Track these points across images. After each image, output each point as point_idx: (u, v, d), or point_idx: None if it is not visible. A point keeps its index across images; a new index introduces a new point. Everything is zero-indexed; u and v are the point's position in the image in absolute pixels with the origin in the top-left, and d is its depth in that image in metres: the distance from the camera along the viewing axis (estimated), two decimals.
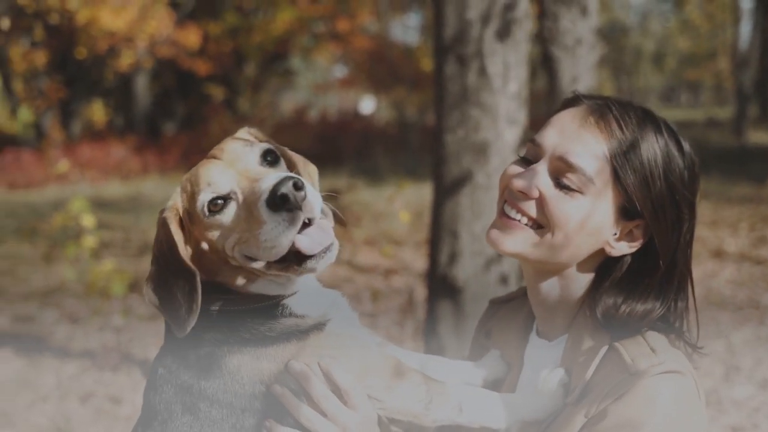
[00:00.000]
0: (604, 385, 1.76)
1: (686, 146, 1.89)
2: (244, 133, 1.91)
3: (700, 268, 9.59)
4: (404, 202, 13.56)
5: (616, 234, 1.87)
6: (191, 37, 24.55)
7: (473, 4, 4.66)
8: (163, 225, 1.75)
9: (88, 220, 7.66)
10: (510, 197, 1.91)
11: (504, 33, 4.68)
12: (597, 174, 1.81)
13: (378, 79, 28.96)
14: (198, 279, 1.69)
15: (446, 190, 4.85)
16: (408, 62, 26.52)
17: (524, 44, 4.80)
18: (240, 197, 1.68)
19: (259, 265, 1.70)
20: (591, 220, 1.84)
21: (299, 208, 1.59)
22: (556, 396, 1.86)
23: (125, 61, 23.55)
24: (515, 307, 2.21)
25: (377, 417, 1.81)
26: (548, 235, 1.86)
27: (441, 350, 4.88)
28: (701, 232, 11.53)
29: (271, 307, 1.77)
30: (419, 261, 10.57)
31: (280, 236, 1.61)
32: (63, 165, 8.63)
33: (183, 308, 1.68)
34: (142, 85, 29.67)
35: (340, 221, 1.99)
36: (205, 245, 1.74)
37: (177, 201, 1.77)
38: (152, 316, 8.38)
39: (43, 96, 25.28)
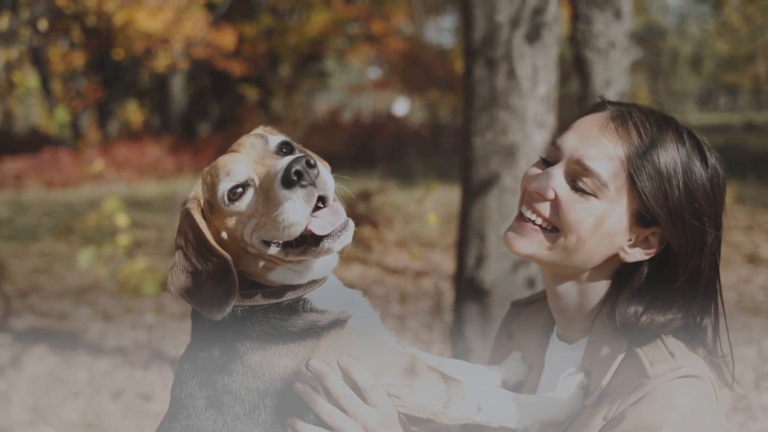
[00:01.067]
0: (622, 388, 1.78)
1: (711, 158, 1.88)
2: (260, 129, 1.98)
3: (734, 273, 9.49)
4: (436, 204, 13.58)
5: (630, 240, 1.88)
6: (226, 38, 24.71)
7: (502, 8, 4.66)
8: (186, 215, 1.83)
9: (121, 219, 7.77)
10: (527, 198, 1.95)
11: (533, 36, 4.68)
12: (612, 179, 1.83)
13: (412, 81, 28.97)
14: (231, 262, 1.76)
15: (474, 192, 4.86)
16: (442, 64, 26.49)
17: (553, 47, 4.79)
18: (257, 183, 1.76)
19: (275, 250, 1.76)
20: (605, 224, 1.85)
21: (313, 184, 1.67)
22: (575, 398, 1.88)
23: (161, 62, 23.75)
24: (537, 310, 2.23)
25: (397, 414, 1.83)
26: (561, 238, 1.88)
27: (468, 353, 4.89)
28: (736, 237, 11.41)
29: (293, 302, 1.82)
30: (450, 263, 10.58)
31: (297, 213, 1.67)
32: (98, 165, 8.76)
33: (219, 292, 1.74)
34: (177, 85, 29.93)
35: (372, 223, 2.07)
36: (225, 234, 1.81)
37: (198, 192, 1.85)
38: (183, 315, 8.48)
39: (81, 96, 25.59)
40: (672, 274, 1.86)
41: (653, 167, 1.81)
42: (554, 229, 1.90)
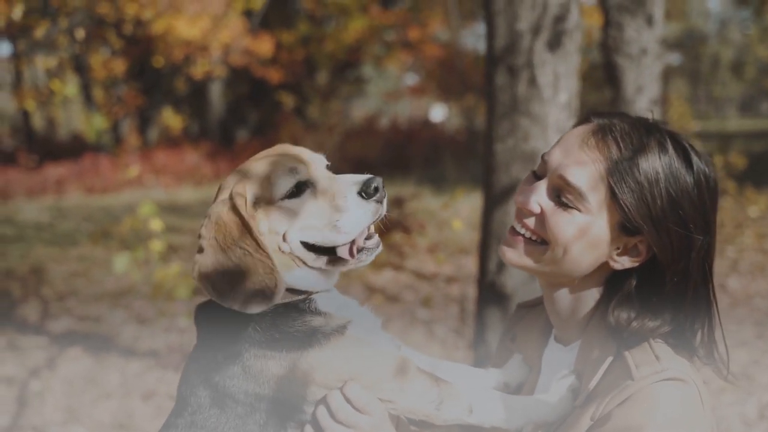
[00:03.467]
0: (609, 389, 1.82)
1: (698, 163, 1.89)
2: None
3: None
4: (469, 210, 13.59)
5: (619, 248, 1.92)
6: (264, 45, 24.96)
7: (524, 16, 4.70)
8: (233, 210, 1.84)
9: (155, 224, 7.90)
10: (517, 212, 2.00)
11: (554, 44, 4.71)
12: (592, 192, 1.87)
13: (448, 87, 29.00)
14: (274, 259, 1.80)
15: (495, 198, 4.90)
16: (478, 70, 26.48)
17: (574, 55, 4.82)
18: (317, 186, 1.84)
19: (311, 257, 1.85)
20: (589, 236, 1.89)
21: (381, 202, 1.82)
22: (565, 400, 1.93)
23: (200, 69, 24.06)
24: (539, 312, 2.27)
25: (390, 417, 1.89)
26: (549, 251, 1.93)
27: (489, 358, 4.92)
28: None
29: (300, 301, 1.87)
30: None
31: (361, 223, 1.81)
32: (133, 170, 8.94)
33: (261, 289, 1.77)
34: (216, 92, 30.26)
35: (404, 228, 2.14)
36: (264, 229, 1.84)
37: (242, 188, 1.86)
38: None
39: (121, 103, 25.99)
40: (661, 280, 1.89)
41: (633, 179, 1.84)
42: (543, 241, 1.95)
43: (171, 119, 30.67)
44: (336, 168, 1.99)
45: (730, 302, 8.77)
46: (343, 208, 1.80)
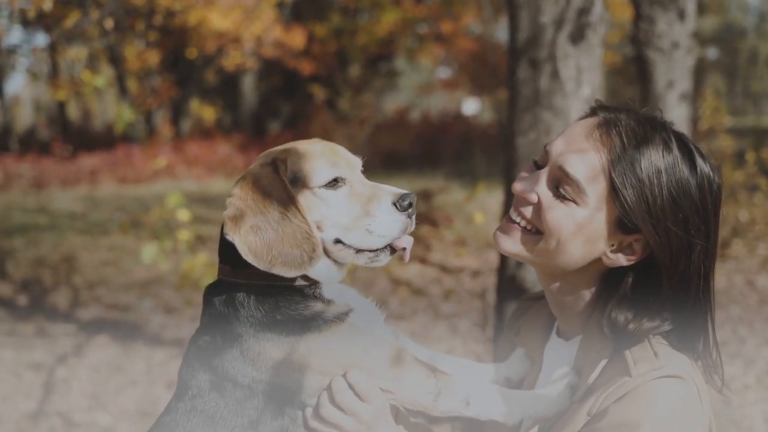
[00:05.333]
0: (607, 385, 1.81)
1: (703, 165, 1.86)
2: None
3: None
4: (497, 203, 13.53)
5: (614, 245, 1.90)
6: (297, 38, 25.00)
7: (547, 9, 4.67)
8: (274, 173, 1.88)
9: (183, 215, 7.97)
10: (515, 200, 1.98)
11: (577, 37, 4.67)
12: (591, 187, 1.85)
13: (481, 81, 28.88)
14: (311, 226, 1.85)
15: None
16: None
17: (598, 48, 4.77)
18: (353, 187, 1.89)
19: (338, 248, 1.89)
20: (585, 230, 1.88)
21: (411, 218, 1.89)
22: (563, 396, 1.92)
23: (232, 61, 24.17)
24: (543, 305, 2.26)
25: (390, 407, 1.90)
26: (543, 241, 1.92)
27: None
28: None
29: (305, 286, 1.89)
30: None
31: (391, 232, 1.87)
32: (161, 161, 9.02)
33: (299, 252, 1.81)
34: (249, 84, 30.39)
35: (432, 222, 2.17)
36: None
37: (286, 159, 1.91)
38: None
39: (155, 94, 26.18)
40: (659, 280, 1.86)
41: (635, 176, 1.82)
42: (538, 231, 1.93)
43: (204, 111, 30.85)
44: (367, 161, 2.04)
45: (759, 300, 8.67)
46: (374, 214, 1.85)
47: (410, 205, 1.87)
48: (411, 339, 2.14)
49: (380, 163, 22.33)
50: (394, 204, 1.86)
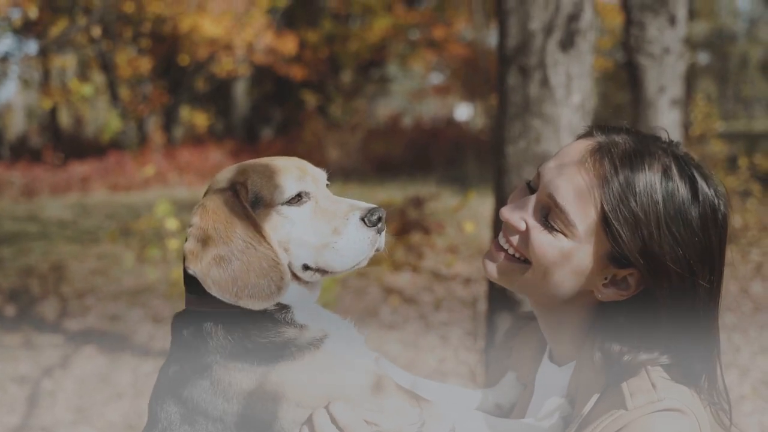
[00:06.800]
0: (602, 418, 1.69)
1: (706, 191, 1.72)
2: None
3: None
4: (489, 210, 13.47)
5: (606, 279, 1.77)
6: (288, 44, 24.96)
7: (536, 15, 4.60)
8: (234, 199, 1.78)
9: (171, 224, 7.91)
10: (504, 226, 1.87)
11: (567, 43, 4.61)
12: (581, 219, 1.73)
13: (473, 87, 28.88)
14: (278, 254, 1.75)
15: (506, 201, 4.80)
16: None
17: (588, 55, 4.71)
18: (318, 202, 1.80)
19: (311, 274, 1.81)
20: (573, 262, 1.76)
21: (380, 234, 1.81)
22: (556, 427, 1.82)
23: (224, 67, 24.14)
24: (536, 327, 2.11)
25: None
26: (530, 271, 1.80)
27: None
28: None
29: (275, 310, 1.80)
30: None
31: (360, 251, 1.78)
32: (149, 169, 8.94)
33: (265, 282, 1.71)
34: (241, 90, 30.34)
35: (423, 229, 2.10)
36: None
37: (244, 181, 1.80)
38: None
39: (147, 101, 26.09)
40: (657, 312, 1.73)
41: (629, 210, 1.68)
42: (526, 260, 1.82)
43: (195, 117, 30.79)
44: (359, 168, 1.97)
45: (754, 307, 8.61)
46: (342, 231, 1.77)
47: (379, 219, 1.79)
48: (402, 346, 2.05)
49: (372, 169, 22.27)
50: (363, 219, 1.78)
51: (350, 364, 1.79)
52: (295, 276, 1.81)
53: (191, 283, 1.81)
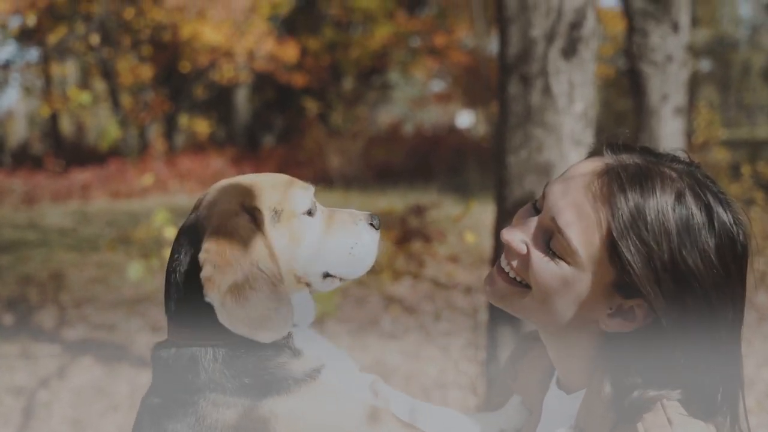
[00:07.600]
0: None
1: (723, 218, 1.59)
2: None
3: None
4: (492, 218, 13.39)
5: (611, 309, 1.65)
6: (290, 51, 24.96)
7: (537, 23, 4.54)
8: (251, 225, 1.68)
9: (169, 232, 7.83)
10: (505, 248, 1.75)
11: (569, 52, 4.54)
12: (585, 247, 1.60)
13: (474, 94, 28.87)
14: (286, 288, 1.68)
15: (508, 211, 4.72)
16: None
17: (591, 63, 4.64)
18: (323, 213, 1.80)
19: (330, 281, 1.80)
20: (575, 291, 1.64)
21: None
22: None
23: (225, 75, 24.13)
24: (544, 350, 1.94)
25: None
26: (530, 296, 1.69)
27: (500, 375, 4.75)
28: None
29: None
30: None
31: (374, 252, 1.81)
32: (148, 178, 8.87)
33: (276, 314, 1.62)
34: (242, 98, 30.33)
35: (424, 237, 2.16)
36: (282, 243, 1.71)
37: (254, 199, 1.72)
38: None
39: (148, 109, 26.07)
40: (669, 346, 1.60)
41: (639, 239, 1.55)
42: (528, 284, 1.70)
43: (196, 125, 30.78)
44: (360, 175, 1.97)
45: (758, 317, 8.53)
46: (356, 236, 1.79)
47: (379, 224, 1.83)
48: (402, 357, 1.98)
49: (373, 176, 22.21)
50: (370, 224, 1.81)
51: (345, 397, 1.71)
52: (308, 285, 1.77)
53: (182, 312, 1.72)
